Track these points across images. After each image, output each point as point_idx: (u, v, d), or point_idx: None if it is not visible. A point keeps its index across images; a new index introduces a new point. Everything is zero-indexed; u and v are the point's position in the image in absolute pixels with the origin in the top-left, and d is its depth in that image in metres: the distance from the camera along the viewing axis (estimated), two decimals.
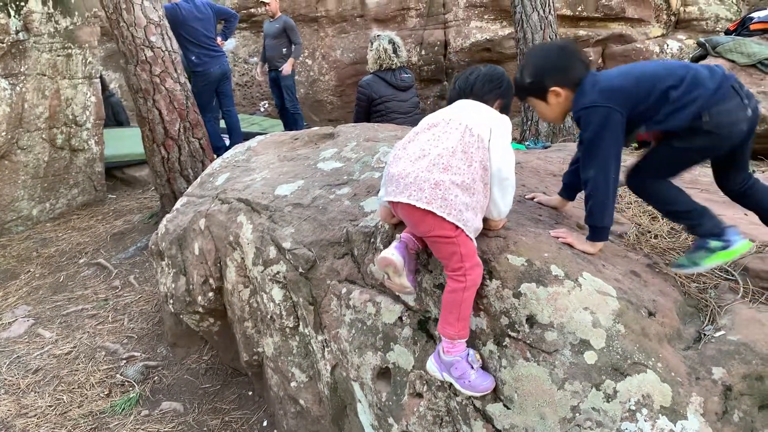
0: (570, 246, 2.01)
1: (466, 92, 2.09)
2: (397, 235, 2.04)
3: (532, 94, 2.10)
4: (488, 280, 1.90)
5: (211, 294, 3.07)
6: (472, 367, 1.83)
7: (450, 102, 2.12)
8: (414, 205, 1.80)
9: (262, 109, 9.48)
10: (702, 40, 6.10)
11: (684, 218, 2.10)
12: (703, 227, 2.02)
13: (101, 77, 8.20)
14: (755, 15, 6.09)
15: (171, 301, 3.30)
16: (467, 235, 1.81)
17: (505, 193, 1.94)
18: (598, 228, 2.01)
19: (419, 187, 1.81)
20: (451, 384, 1.89)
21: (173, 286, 3.27)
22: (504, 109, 2.10)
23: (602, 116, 1.91)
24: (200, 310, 3.15)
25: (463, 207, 1.80)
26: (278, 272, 2.57)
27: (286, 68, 7.50)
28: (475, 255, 1.84)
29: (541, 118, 2.29)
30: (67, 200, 6.27)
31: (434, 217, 1.79)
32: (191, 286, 3.13)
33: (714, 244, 1.98)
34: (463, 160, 1.85)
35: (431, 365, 1.90)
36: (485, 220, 1.98)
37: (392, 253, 1.91)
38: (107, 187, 6.80)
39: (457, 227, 1.79)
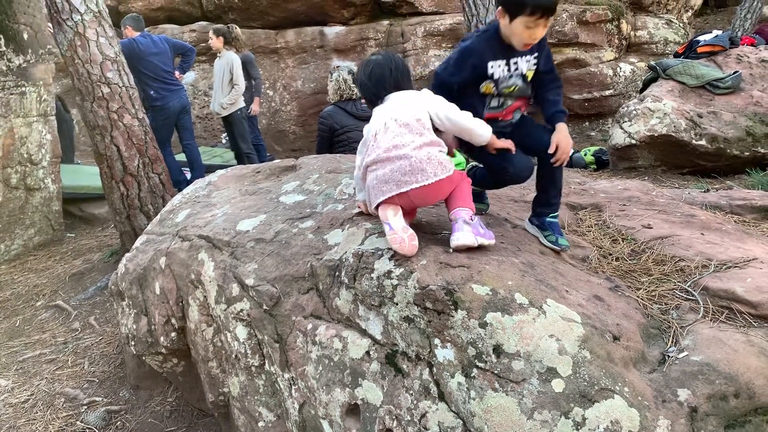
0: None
1: (391, 88, 2.30)
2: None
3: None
4: (454, 311, 1.89)
5: (173, 334, 2.99)
6: None
7: (377, 97, 2.32)
8: (426, 185, 2.07)
9: (223, 141, 9.40)
10: (653, 63, 6.32)
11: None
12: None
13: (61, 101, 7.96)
14: (701, 38, 6.33)
15: (133, 343, 3.20)
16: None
17: (467, 121, 2.21)
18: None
19: (420, 169, 2.07)
20: (422, 416, 1.87)
21: (134, 327, 3.18)
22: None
23: None
24: (163, 350, 3.06)
25: (443, 158, 2.14)
26: (242, 310, 2.52)
27: (254, 108, 7.56)
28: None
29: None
30: (23, 241, 6.08)
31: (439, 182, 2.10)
32: (153, 327, 3.05)
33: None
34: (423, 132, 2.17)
35: (471, 239, 2.08)
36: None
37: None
38: (65, 226, 6.61)
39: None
